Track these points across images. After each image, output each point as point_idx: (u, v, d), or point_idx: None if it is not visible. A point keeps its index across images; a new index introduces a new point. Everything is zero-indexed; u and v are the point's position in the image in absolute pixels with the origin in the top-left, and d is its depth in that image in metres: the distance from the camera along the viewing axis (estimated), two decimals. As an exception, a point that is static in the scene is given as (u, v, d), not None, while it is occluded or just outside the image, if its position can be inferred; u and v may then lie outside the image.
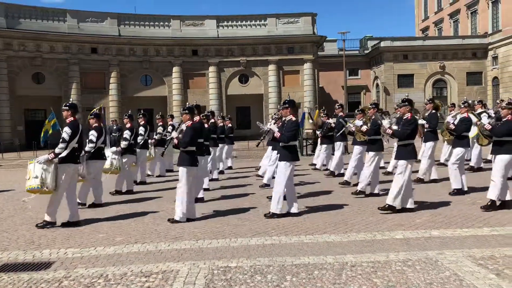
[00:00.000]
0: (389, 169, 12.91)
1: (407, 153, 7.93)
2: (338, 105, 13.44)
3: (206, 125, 11.21)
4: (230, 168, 15.82)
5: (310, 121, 14.71)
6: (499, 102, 10.09)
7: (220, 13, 35.53)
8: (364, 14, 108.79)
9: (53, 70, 31.06)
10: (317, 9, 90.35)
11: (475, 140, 9.03)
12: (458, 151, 9.52)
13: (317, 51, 35.52)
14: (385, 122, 8.30)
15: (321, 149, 14.40)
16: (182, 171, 7.81)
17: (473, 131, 11.58)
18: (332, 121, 13.45)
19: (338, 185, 11.12)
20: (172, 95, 33.36)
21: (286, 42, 33.91)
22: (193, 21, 33.90)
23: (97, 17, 32.28)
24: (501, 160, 7.90)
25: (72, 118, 7.85)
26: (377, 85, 41.54)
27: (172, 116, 16.71)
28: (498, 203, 7.85)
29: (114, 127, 17.42)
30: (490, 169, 8.34)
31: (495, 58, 38.43)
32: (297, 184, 10.09)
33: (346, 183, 10.97)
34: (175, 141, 7.92)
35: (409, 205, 8.00)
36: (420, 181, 11.13)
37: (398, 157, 8.08)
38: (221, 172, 14.46)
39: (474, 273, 4.86)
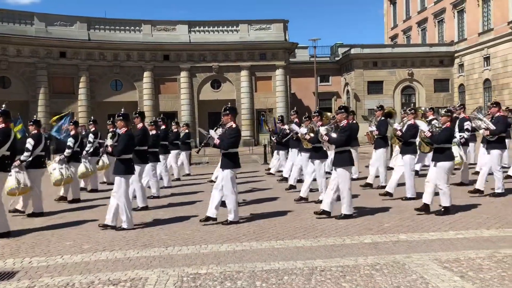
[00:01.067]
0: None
1: (344, 160, 7.96)
2: (293, 111, 13.31)
3: (154, 131, 11.09)
4: (188, 175, 15.59)
5: (266, 127, 14.71)
6: (490, 105, 10.43)
7: (192, 18, 35.40)
8: (334, 21, 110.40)
9: (20, 74, 30.28)
10: (288, 16, 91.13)
11: (418, 147, 9.23)
12: (407, 158, 9.65)
13: (289, 58, 35.80)
14: (322, 129, 8.31)
15: (278, 155, 14.49)
16: (117, 180, 7.65)
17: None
18: (287, 127, 13.45)
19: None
20: (143, 100, 32.99)
21: (258, 48, 34.05)
22: (164, 26, 33.66)
23: (66, 20, 31.66)
24: (442, 167, 8.07)
25: (3, 125, 7.44)
26: (348, 91, 42.13)
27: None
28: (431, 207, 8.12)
29: (83, 133, 17.12)
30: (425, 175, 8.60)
31: (461, 65, 39.53)
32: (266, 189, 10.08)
33: (291, 187, 11.18)
34: (109, 149, 7.78)
35: (346, 211, 8.04)
36: (368, 186, 11.32)
37: (335, 165, 8.09)
38: (177, 179, 14.37)
39: (440, 276, 4.97)
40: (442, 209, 8.07)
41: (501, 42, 34.53)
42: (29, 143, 8.90)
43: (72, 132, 11.23)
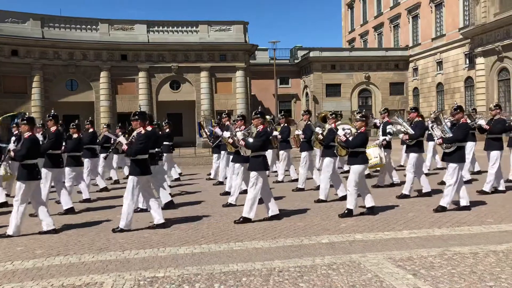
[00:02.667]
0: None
1: (258, 164, 7.96)
2: (239, 116, 13.22)
3: (76, 135, 10.70)
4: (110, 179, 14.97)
5: (203, 133, 14.55)
6: (472, 110, 10.89)
7: (150, 18, 34.91)
8: (294, 24, 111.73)
9: (-32, 73, 28.98)
10: (248, 18, 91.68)
11: (335, 151, 9.50)
12: (327, 161, 9.87)
13: (249, 59, 35.90)
14: (239, 134, 8.37)
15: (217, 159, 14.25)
16: (19, 185, 7.42)
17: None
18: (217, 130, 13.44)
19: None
20: (100, 101, 32.24)
21: (218, 49, 33.96)
22: (122, 25, 33.01)
23: (18, 17, 30.51)
24: (354, 170, 8.29)
25: None
26: (307, 93, 42.70)
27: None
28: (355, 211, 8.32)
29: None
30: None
31: (415, 69, 40.85)
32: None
33: (226, 193, 10.85)
34: (12, 153, 7.49)
35: (271, 213, 8.12)
36: (300, 190, 11.42)
37: (250, 169, 8.12)
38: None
39: (393, 274, 5.12)
40: (346, 211, 8.23)
41: (452, 48, 35.95)
42: None
43: (15, 132, 10.93)
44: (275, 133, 12.15)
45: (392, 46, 43.52)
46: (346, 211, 8.23)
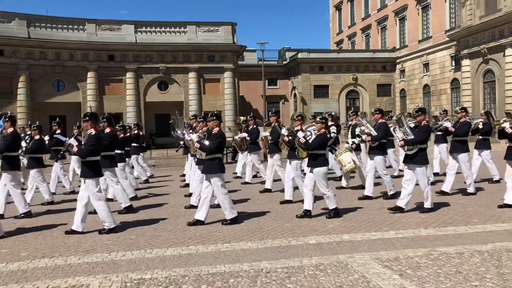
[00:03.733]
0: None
1: (214, 167, 7.91)
2: (195, 116, 12.95)
3: (38, 136, 10.58)
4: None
5: (175, 132, 14.54)
6: (459, 111, 10.84)
7: (138, 19, 34.73)
8: (282, 26, 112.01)
9: (-48, 73, 28.56)
10: (237, 19, 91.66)
11: (296, 153, 9.51)
12: (294, 163, 9.92)
13: (237, 60, 35.91)
14: (194, 136, 8.31)
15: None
16: None
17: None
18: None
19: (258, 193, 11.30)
20: (87, 101, 31.97)
21: (206, 50, 33.92)
22: (109, 26, 32.81)
23: (4, 17, 30.15)
24: (317, 173, 8.24)
25: None
26: (295, 95, 42.82)
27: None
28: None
29: (22, 134, 16.30)
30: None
31: (402, 71, 41.19)
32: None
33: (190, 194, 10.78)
34: None
35: (230, 215, 8.04)
36: (267, 191, 11.46)
37: (204, 171, 8.07)
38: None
39: (380, 274, 5.15)
40: (332, 212, 8.29)
41: (439, 50, 36.34)
42: None
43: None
44: (265, 133, 12.07)
45: (379, 48, 43.86)
46: (332, 212, 8.26)
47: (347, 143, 10.90)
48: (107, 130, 9.38)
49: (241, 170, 14.36)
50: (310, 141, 8.38)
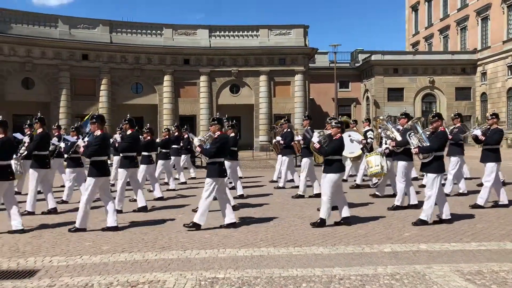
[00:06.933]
0: (358, 181, 13.09)
1: (213, 171, 7.81)
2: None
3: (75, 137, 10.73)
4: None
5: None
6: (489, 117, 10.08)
7: (212, 23, 35.61)
8: (355, 27, 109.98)
9: (43, 76, 30.85)
10: (309, 21, 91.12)
11: (313, 158, 9.11)
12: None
13: (309, 63, 35.74)
14: (196, 141, 8.19)
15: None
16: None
17: (357, 149, 12.22)
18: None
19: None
20: (163, 104, 33.31)
21: (277, 53, 34.09)
22: (185, 30, 33.96)
23: (89, 23, 32.21)
24: (329, 179, 7.92)
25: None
26: (368, 98, 41.87)
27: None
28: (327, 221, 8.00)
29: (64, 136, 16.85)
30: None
31: (484, 74, 38.94)
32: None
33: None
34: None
35: (227, 220, 7.90)
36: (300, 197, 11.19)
37: (206, 175, 7.96)
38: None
39: (462, 288, 4.87)
40: (318, 220, 7.95)
41: (525, 51, 33.95)
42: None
43: (28, 132, 11.72)
44: (297, 137, 11.96)
45: (458, 50, 41.77)
46: (318, 221, 7.96)
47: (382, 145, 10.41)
48: (129, 132, 9.77)
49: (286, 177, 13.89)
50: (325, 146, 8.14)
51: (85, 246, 6.78)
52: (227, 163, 10.21)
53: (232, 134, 11.64)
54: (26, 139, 10.35)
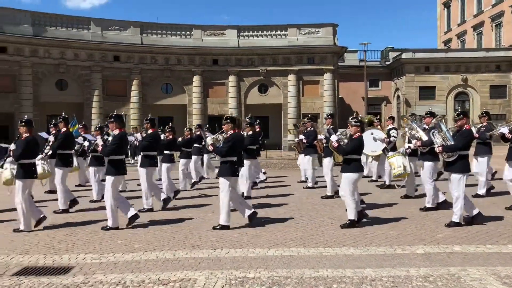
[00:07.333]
0: (374, 177, 13.13)
1: (226, 170, 7.79)
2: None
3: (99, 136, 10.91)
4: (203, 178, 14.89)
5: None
6: None
7: (241, 23, 35.74)
8: (385, 25, 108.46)
9: (76, 77, 31.57)
10: (338, 20, 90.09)
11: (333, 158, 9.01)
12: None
13: (338, 62, 35.41)
14: (208, 139, 8.19)
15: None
16: (17, 184, 7.83)
17: (379, 147, 11.84)
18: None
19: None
20: (192, 104, 33.60)
21: (306, 53, 33.89)
22: (214, 31, 34.16)
23: (120, 25, 32.78)
24: (347, 178, 7.79)
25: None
26: (398, 96, 41.19)
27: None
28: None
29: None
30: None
31: (519, 71, 37.77)
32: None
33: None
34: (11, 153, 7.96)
35: (223, 221, 7.82)
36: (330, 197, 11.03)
37: (218, 174, 7.95)
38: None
39: (499, 291, 4.73)
40: (348, 222, 7.83)
41: None
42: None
43: (82, 133, 12.24)
44: (320, 136, 11.55)
45: (493, 47, 40.63)
46: (348, 222, 7.85)
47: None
48: (150, 131, 9.89)
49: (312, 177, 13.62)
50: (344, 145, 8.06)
51: (117, 244, 6.90)
52: (245, 162, 10.42)
53: (250, 132, 11.64)
54: (51, 138, 10.72)
